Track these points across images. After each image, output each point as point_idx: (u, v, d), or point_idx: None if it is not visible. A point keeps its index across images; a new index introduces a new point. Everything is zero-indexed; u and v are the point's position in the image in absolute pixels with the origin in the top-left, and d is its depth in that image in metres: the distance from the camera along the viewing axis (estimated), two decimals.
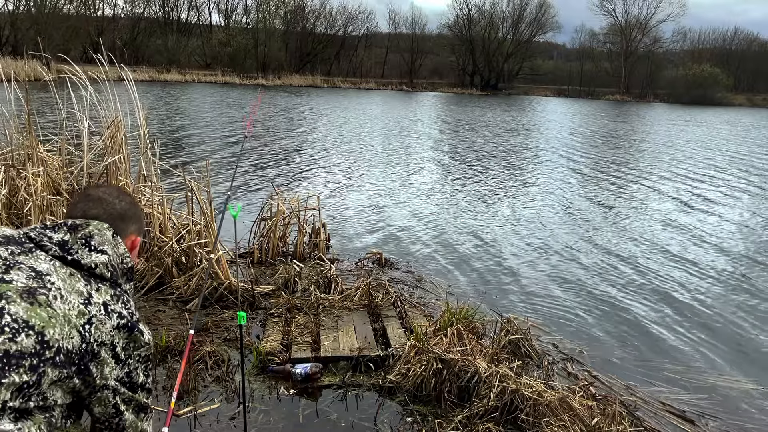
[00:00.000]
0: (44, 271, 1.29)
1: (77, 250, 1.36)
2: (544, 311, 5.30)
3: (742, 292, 6.12)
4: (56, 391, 1.25)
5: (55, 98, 5.83)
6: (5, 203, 5.42)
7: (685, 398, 3.90)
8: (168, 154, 11.87)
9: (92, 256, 1.37)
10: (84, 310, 1.29)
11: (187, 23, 66.29)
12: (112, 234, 1.44)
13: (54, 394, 1.25)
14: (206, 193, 5.04)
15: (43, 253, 1.34)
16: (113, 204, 1.50)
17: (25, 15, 48.48)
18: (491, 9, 69.52)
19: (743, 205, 10.66)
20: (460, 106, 39.98)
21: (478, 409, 3.25)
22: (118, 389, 1.37)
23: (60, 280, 1.30)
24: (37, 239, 1.35)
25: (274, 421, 3.27)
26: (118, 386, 1.37)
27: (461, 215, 8.83)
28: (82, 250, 1.36)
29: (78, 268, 1.35)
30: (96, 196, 1.51)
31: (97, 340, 1.30)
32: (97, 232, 1.41)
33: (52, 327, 1.22)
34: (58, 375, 1.23)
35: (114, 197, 1.52)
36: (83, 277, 1.34)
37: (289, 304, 4.63)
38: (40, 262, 1.31)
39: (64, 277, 1.31)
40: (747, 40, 72.54)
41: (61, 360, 1.23)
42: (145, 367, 1.44)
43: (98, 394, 1.34)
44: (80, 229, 1.39)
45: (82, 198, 1.51)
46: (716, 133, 27.57)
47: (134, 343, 1.38)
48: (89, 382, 1.31)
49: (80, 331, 1.27)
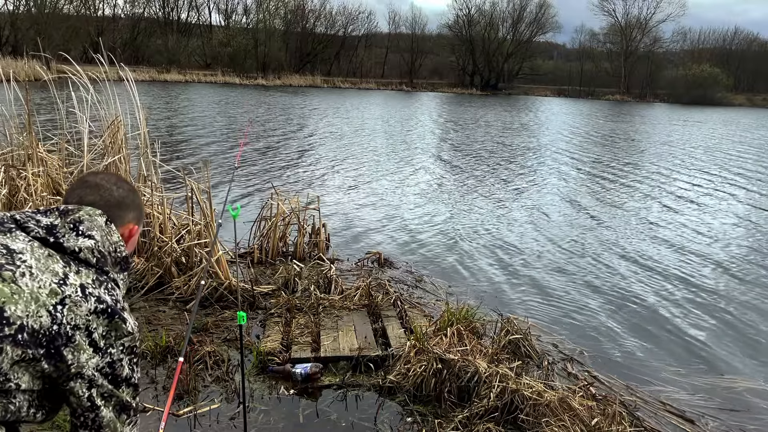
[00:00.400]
0: (17, 250, 1.25)
1: (63, 233, 1.32)
2: (544, 311, 5.30)
3: (742, 291, 6.12)
4: (22, 374, 1.20)
5: (55, 98, 5.83)
6: (5, 203, 5.41)
7: (685, 398, 3.90)
8: (168, 154, 11.87)
9: (78, 240, 1.33)
10: (57, 290, 1.24)
11: (187, 23, 66.30)
12: (106, 221, 1.40)
13: (19, 377, 1.20)
14: (206, 193, 5.04)
15: (23, 233, 1.30)
16: (110, 191, 1.46)
17: (25, 15, 48.50)
18: (491, 9, 69.63)
19: (743, 205, 10.66)
20: (460, 106, 39.98)
21: (478, 409, 3.25)
22: (95, 380, 1.29)
23: (33, 259, 1.25)
24: (21, 221, 1.32)
25: (274, 421, 3.27)
26: (96, 377, 1.29)
27: (461, 215, 8.83)
28: (69, 234, 1.32)
29: (59, 251, 1.30)
30: (93, 182, 1.47)
31: (70, 323, 1.24)
32: (87, 218, 1.37)
33: (14, 303, 1.18)
34: (21, 355, 1.18)
35: (111, 184, 1.48)
36: (62, 259, 1.29)
37: (289, 304, 4.63)
38: (17, 242, 1.27)
39: (39, 257, 1.26)
40: (747, 40, 72.64)
41: (24, 339, 1.18)
42: (130, 359, 1.35)
43: (71, 383, 1.27)
44: (70, 213, 1.36)
45: (80, 184, 1.47)
46: (715, 132, 27.58)
47: (116, 331, 1.31)
48: (62, 369, 1.25)
49: (50, 311, 1.22)
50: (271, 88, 47.68)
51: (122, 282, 1.43)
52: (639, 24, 69.92)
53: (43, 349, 1.21)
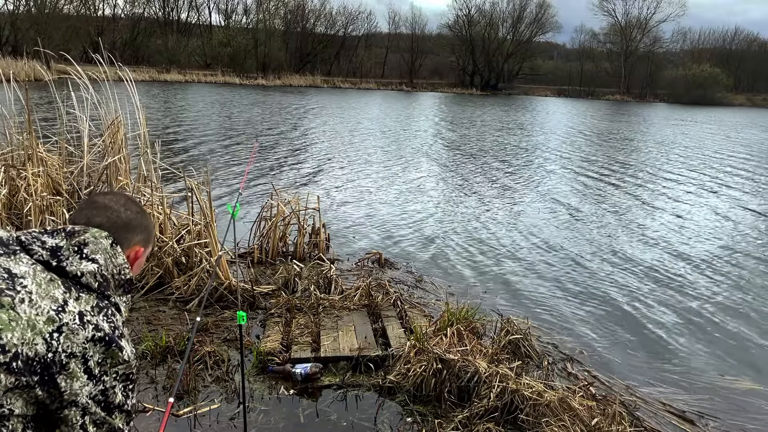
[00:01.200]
0: (19, 274, 1.24)
1: (67, 256, 1.32)
2: (544, 311, 5.30)
3: (742, 292, 6.11)
4: (15, 400, 1.20)
5: (55, 98, 5.83)
6: (5, 203, 5.42)
7: (685, 398, 3.90)
8: (168, 154, 11.87)
9: (81, 264, 1.32)
10: (54, 318, 1.23)
11: (187, 23, 66.29)
12: (111, 243, 1.39)
13: (12, 402, 1.19)
14: (206, 193, 5.04)
15: (27, 256, 1.29)
16: (118, 212, 1.45)
17: (25, 15, 48.49)
18: (491, 9, 69.65)
19: (744, 204, 10.65)
20: (461, 106, 39.98)
21: (478, 409, 3.25)
22: (88, 408, 1.28)
23: (35, 284, 1.24)
24: (26, 243, 1.31)
25: (274, 421, 3.28)
26: (89, 404, 1.28)
27: (461, 215, 8.83)
28: (73, 257, 1.32)
29: (62, 275, 1.30)
30: (102, 203, 1.46)
31: (66, 351, 1.23)
32: (92, 240, 1.36)
33: (11, 331, 1.17)
34: (14, 382, 1.17)
35: (120, 205, 1.47)
36: (64, 284, 1.28)
37: (289, 304, 4.63)
38: (20, 265, 1.26)
39: (41, 282, 1.26)
40: (747, 40, 72.66)
41: (19, 367, 1.17)
42: (124, 386, 1.34)
43: (65, 411, 1.26)
44: (76, 235, 1.35)
45: (88, 204, 1.47)
46: (714, 131, 27.59)
47: (111, 359, 1.29)
48: (55, 396, 1.24)
49: (45, 338, 1.21)
50: (271, 88, 47.68)
51: (124, 305, 1.43)
52: (639, 24, 69.94)
53: (37, 377, 1.20)
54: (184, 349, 3.79)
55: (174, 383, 3.31)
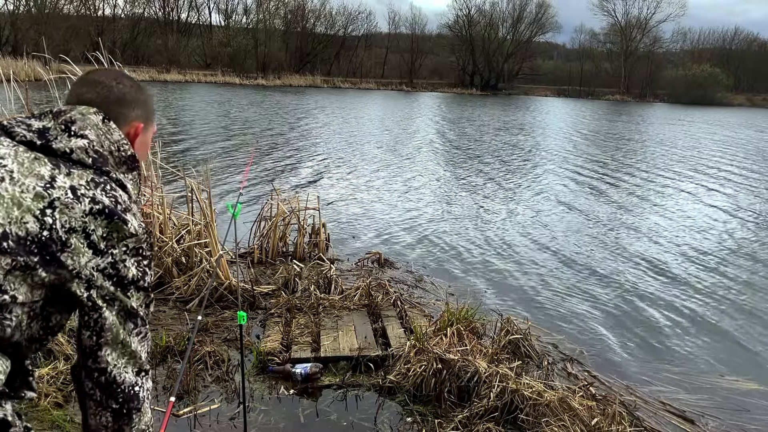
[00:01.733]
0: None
1: (55, 135, 1.25)
2: (544, 311, 5.30)
3: (742, 291, 6.12)
4: (19, 285, 1.15)
5: (55, 98, 5.83)
6: None
7: (685, 398, 3.90)
8: (168, 154, 11.87)
9: (70, 141, 1.25)
10: (43, 193, 1.17)
11: (187, 23, 66.28)
12: (102, 119, 1.32)
13: (16, 287, 1.15)
14: (206, 193, 5.04)
15: (9, 139, 1.24)
16: (110, 87, 1.36)
17: (25, 15, 48.52)
18: (491, 9, 69.64)
19: (744, 204, 10.65)
20: (461, 106, 39.98)
21: (478, 409, 3.25)
22: (93, 280, 1.21)
23: (16, 163, 1.19)
24: (8, 127, 1.26)
25: (274, 421, 3.28)
26: (94, 276, 1.21)
27: (461, 215, 8.83)
28: (61, 136, 1.26)
29: (48, 153, 1.24)
30: (92, 79, 1.38)
31: (64, 226, 1.17)
32: (79, 117, 1.29)
33: None
34: (12, 263, 1.13)
35: (111, 80, 1.38)
36: (51, 162, 1.22)
37: (289, 304, 4.63)
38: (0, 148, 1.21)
39: (23, 161, 1.20)
40: (747, 40, 72.60)
41: (11, 246, 1.13)
42: (137, 261, 1.26)
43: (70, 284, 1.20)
44: (63, 114, 1.29)
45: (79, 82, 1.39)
46: (715, 131, 27.60)
47: (117, 232, 1.22)
48: (64, 276, 1.19)
49: (36, 216, 1.15)
50: (271, 88, 47.68)
51: (131, 183, 1.36)
52: (639, 24, 69.93)
53: (36, 257, 1.15)
54: (184, 349, 3.79)
55: (174, 383, 3.31)
